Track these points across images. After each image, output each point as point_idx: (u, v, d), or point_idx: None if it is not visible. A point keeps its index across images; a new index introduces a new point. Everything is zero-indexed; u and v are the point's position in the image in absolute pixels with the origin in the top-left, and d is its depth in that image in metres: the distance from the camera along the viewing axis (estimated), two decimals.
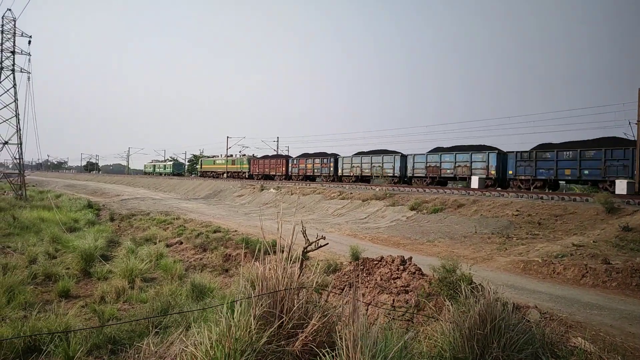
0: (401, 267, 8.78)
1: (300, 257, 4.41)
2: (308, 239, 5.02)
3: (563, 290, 9.28)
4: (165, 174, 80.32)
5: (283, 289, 3.60)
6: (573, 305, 7.94)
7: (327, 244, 5.24)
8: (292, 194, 33.33)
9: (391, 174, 35.69)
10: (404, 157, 35.37)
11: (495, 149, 29.89)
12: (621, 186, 22.07)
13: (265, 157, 54.46)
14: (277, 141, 67.96)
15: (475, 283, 6.45)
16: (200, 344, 3.32)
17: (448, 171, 31.62)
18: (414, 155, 34.20)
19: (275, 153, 64.17)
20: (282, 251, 4.09)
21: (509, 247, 14.41)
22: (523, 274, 11.04)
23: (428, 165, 32.92)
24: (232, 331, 3.24)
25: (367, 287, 8.81)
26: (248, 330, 3.26)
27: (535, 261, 11.67)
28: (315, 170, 43.46)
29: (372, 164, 37.63)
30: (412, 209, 22.10)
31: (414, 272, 8.52)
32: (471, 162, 30.36)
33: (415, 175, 33.80)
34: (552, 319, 6.37)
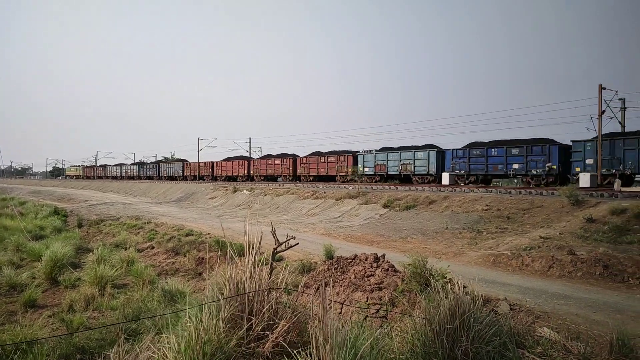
0: (375, 265, 8.85)
1: (270, 258, 4.39)
2: (278, 240, 5.00)
3: (531, 282, 9.53)
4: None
5: (251, 290, 3.58)
6: (541, 296, 8.16)
7: (298, 243, 5.24)
8: (265, 195, 33.16)
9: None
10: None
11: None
12: (584, 179, 22.85)
13: (88, 166, 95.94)
14: (250, 142, 67.58)
15: (446, 278, 6.56)
16: (170, 349, 3.28)
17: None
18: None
19: (247, 154, 64.04)
20: (255, 253, 4.06)
21: (479, 241, 14.71)
22: (493, 268, 11.29)
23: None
24: (200, 335, 3.20)
25: (341, 285, 8.84)
26: (217, 333, 3.23)
27: (504, 254, 11.95)
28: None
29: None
30: (385, 206, 22.31)
31: (388, 269, 8.60)
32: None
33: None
34: (520, 310, 6.54)
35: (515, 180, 31.77)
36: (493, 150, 28.63)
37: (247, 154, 64.04)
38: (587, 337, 5.19)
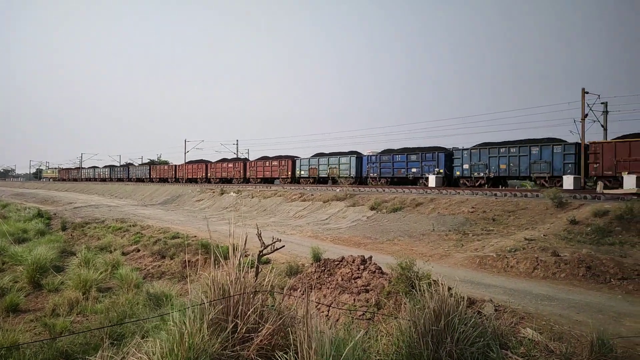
0: (362, 267, 8.88)
1: (256, 260, 4.38)
2: (263, 242, 5.00)
3: (516, 283, 9.64)
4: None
5: (236, 293, 3.57)
6: (525, 297, 8.26)
7: (284, 246, 5.24)
8: (252, 197, 33.05)
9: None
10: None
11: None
12: (568, 181, 23.19)
13: (64, 169, 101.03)
14: (237, 144, 67.33)
15: (432, 279, 6.60)
16: (154, 353, 3.25)
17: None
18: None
19: (235, 156, 63.86)
20: (241, 255, 4.05)
21: (465, 243, 14.82)
22: (479, 269, 11.39)
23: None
24: (184, 338, 3.19)
25: (328, 287, 8.85)
26: (201, 337, 3.22)
27: (490, 256, 12.07)
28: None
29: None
30: (372, 208, 22.37)
31: (374, 271, 8.64)
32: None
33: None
34: (505, 311, 6.61)
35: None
36: (398, 156, 32.57)
37: (235, 156, 63.85)
38: (569, 337, 5.27)
